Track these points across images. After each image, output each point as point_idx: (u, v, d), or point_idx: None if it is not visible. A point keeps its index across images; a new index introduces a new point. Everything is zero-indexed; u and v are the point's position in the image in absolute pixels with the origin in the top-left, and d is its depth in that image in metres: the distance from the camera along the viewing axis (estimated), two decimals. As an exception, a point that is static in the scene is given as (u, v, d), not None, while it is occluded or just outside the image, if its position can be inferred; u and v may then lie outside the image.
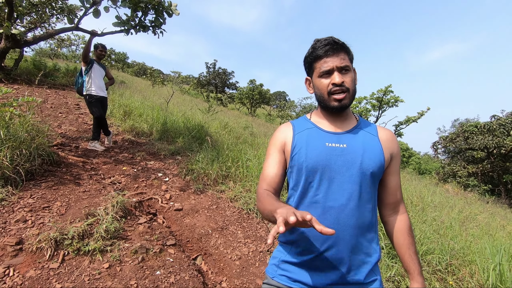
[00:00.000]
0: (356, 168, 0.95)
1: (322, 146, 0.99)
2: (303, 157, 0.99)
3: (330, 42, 0.98)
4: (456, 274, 2.67)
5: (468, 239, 3.33)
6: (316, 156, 0.97)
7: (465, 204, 6.46)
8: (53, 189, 2.92)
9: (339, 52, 0.98)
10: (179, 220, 3.11)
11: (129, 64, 33.58)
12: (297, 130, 1.07)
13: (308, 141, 1.01)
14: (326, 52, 0.98)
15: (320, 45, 1.00)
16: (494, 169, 16.40)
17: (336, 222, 0.92)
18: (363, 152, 0.97)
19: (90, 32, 4.42)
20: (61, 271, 1.89)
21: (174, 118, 6.77)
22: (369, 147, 0.99)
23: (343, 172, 0.95)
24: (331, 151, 0.97)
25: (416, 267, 0.96)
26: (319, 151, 0.98)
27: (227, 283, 2.35)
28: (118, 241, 2.28)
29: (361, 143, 1.00)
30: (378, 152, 0.99)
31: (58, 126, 5.28)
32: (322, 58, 0.99)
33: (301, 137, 1.04)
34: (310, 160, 0.97)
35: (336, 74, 0.97)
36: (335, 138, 1.01)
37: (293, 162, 1.02)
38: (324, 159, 0.96)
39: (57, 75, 10.27)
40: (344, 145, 0.99)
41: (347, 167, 0.95)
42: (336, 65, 0.97)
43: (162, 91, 14.92)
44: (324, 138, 1.01)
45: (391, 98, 15.13)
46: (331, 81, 0.98)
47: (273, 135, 1.13)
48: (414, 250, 0.99)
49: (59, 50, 20.05)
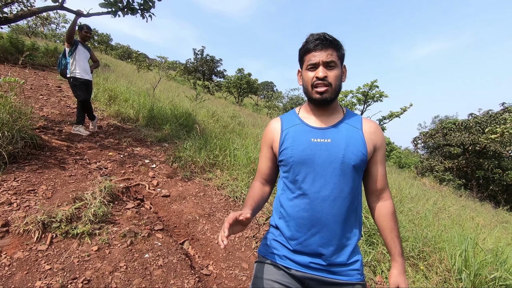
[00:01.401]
0: (338, 162, 1.02)
1: (308, 142, 1.06)
2: (290, 153, 1.07)
3: (321, 37, 1.05)
4: (427, 260, 2.89)
5: (440, 229, 3.56)
6: (301, 151, 1.05)
7: (440, 197, 6.83)
8: (38, 172, 2.88)
9: (328, 48, 1.04)
10: (167, 206, 3.15)
11: (112, 46, 32.29)
12: (285, 126, 1.14)
13: (294, 137, 1.09)
14: (316, 46, 1.04)
15: (311, 39, 1.06)
16: (468, 164, 17.28)
17: (321, 211, 1.02)
18: (346, 146, 1.03)
19: (75, 12, 4.25)
20: (50, 253, 1.90)
21: (161, 105, 6.68)
22: (352, 140, 1.05)
23: (326, 166, 1.02)
24: (316, 146, 1.05)
25: (397, 249, 1.06)
26: (305, 147, 1.05)
27: (214, 266, 2.43)
28: (106, 225, 2.31)
29: (344, 137, 1.06)
30: (360, 145, 1.05)
31: (39, 108, 5.11)
32: (311, 51, 1.05)
33: (288, 134, 1.11)
34: (296, 156, 1.05)
35: (320, 68, 1.03)
36: (320, 133, 1.08)
37: (281, 157, 1.11)
38: (309, 154, 1.04)
39: (36, 55, 9.78)
40: (328, 140, 1.05)
41: (330, 161, 1.02)
42: (322, 60, 1.03)
43: (148, 76, 14.55)
44: (309, 134, 1.08)
45: (376, 93, 15.46)
46: (315, 74, 1.04)
47: (264, 132, 1.22)
48: (396, 233, 1.08)
49: (40, 29, 18.95)
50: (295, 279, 1.03)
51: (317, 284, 1.02)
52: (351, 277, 1.02)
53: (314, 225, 1.01)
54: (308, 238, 1.02)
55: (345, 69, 1.13)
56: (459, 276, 2.51)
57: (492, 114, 17.28)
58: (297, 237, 1.04)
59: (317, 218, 1.01)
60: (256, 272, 1.07)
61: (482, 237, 3.38)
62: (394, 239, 1.07)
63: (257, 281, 1.05)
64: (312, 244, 1.02)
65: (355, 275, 1.03)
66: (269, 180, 1.23)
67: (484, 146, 16.38)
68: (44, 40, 17.65)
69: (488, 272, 2.42)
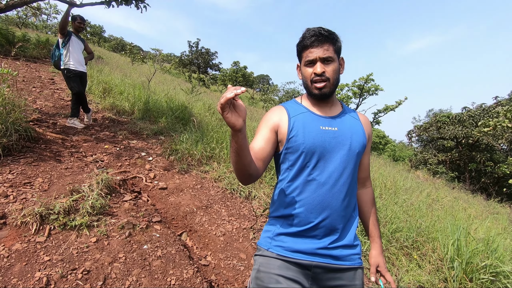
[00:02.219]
0: (346, 149, 1.07)
1: (317, 129, 1.08)
2: (301, 139, 1.06)
3: (316, 33, 1.05)
4: (421, 249, 2.96)
5: (433, 219, 3.64)
6: (312, 138, 1.06)
7: (433, 189, 6.95)
8: (33, 165, 2.85)
9: (324, 43, 1.05)
10: (164, 198, 3.15)
11: (106, 38, 31.73)
12: (292, 114, 1.13)
13: (304, 125, 1.09)
14: (312, 42, 1.06)
15: (307, 35, 1.07)
16: (461, 157, 17.53)
17: (330, 196, 1.05)
18: (351, 134, 1.10)
19: (68, 1, 4.15)
20: (48, 245, 1.91)
21: (156, 98, 6.62)
22: (355, 130, 1.12)
23: (335, 152, 1.07)
24: (325, 134, 1.07)
25: (376, 232, 1.20)
26: (315, 134, 1.07)
27: (212, 257, 2.46)
28: (104, 217, 2.31)
29: (349, 126, 1.12)
30: (361, 134, 1.13)
31: (32, 101, 5.03)
32: (308, 48, 1.07)
33: (298, 121, 1.10)
34: (308, 142, 1.06)
35: (318, 65, 1.06)
36: (328, 122, 1.11)
37: (290, 144, 1.08)
38: (320, 141, 1.06)
39: (27, 46, 9.57)
40: (335, 128, 1.10)
41: (339, 148, 1.07)
42: (319, 56, 1.05)
43: (142, 69, 14.37)
44: (318, 121, 1.10)
45: (371, 86, 15.48)
46: (313, 70, 1.07)
47: (266, 115, 1.17)
48: (375, 218, 1.22)
49: (32, 20, 18.46)
50: (301, 269, 1.03)
51: (323, 272, 1.04)
52: (353, 262, 1.08)
53: (325, 209, 1.04)
54: (318, 222, 1.04)
55: (343, 61, 1.15)
56: (451, 264, 2.58)
57: (485, 107, 17.49)
58: (307, 221, 1.05)
59: (328, 202, 1.04)
60: (259, 266, 1.06)
61: (474, 227, 3.47)
62: (375, 223, 1.21)
63: (260, 275, 1.03)
64: (322, 227, 1.05)
65: (356, 259, 1.09)
66: (259, 162, 1.06)
67: (477, 139, 16.61)
68: (35, 31, 17.24)
69: (480, 260, 2.49)
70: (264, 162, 1.07)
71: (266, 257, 1.07)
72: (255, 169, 0.99)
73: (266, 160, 1.08)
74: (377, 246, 1.18)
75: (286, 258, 1.04)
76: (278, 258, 1.05)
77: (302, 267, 1.04)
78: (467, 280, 2.43)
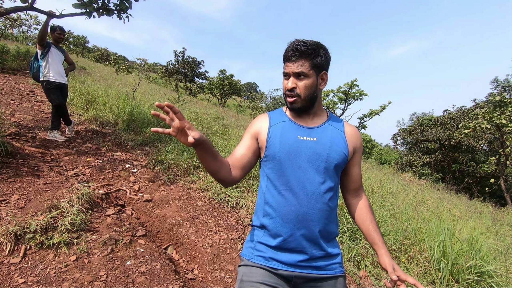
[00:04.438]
0: (323, 160, 1.06)
1: (294, 139, 1.09)
2: (277, 147, 1.08)
3: (293, 48, 1.06)
4: (408, 252, 2.98)
5: (419, 222, 3.69)
6: (288, 147, 1.07)
7: (419, 191, 7.08)
8: (9, 181, 2.73)
9: (300, 58, 1.05)
10: (149, 211, 3.07)
11: (89, 48, 31.22)
12: (273, 122, 1.16)
13: (282, 133, 1.11)
14: (289, 57, 1.07)
15: (288, 49, 1.08)
16: (445, 159, 18.04)
17: (307, 206, 1.04)
18: (330, 145, 1.09)
19: (46, 12, 4.06)
20: (23, 266, 1.81)
21: (141, 108, 6.53)
22: (335, 141, 1.11)
23: (311, 163, 1.06)
24: (302, 144, 1.08)
25: (380, 238, 1.11)
26: (291, 143, 1.08)
27: (199, 270, 2.40)
28: (85, 234, 2.22)
29: (329, 137, 1.11)
30: (342, 146, 1.11)
31: (10, 114, 4.86)
32: (286, 61, 1.09)
33: (276, 129, 1.13)
34: (283, 151, 1.07)
35: (290, 80, 1.08)
36: (307, 132, 1.11)
37: (268, 151, 1.11)
38: (296, 150, 1.07)
39: (6, 58, 9.30)
40: (314, 138, 1.09)
41: (315, 159, 1.06)
42: (292, 71, 1.06)
43: (127, 79, 14.17)
44: (296, 131, 1.11)
45: (356, 92, 15.82)
46: (285, 84, 1.09)
47: (251, 123, 1.22)
48: (376, 223, 1.14)
49: (10, 31, 17.99)
50: (281, 278, 1.04)
51: (303, 282, 1.04)
52: (334, 271, 1.07)
53: (300, 220, 1.03)
54: (294, 233, 1.03)
55: (326, 76, 1.11)
56: (438, 266, 2.61)
57: (465, 110, 18.16)
58: (283, 232, 1.04)
59: (303, 212, 1.03)
60: (242, 276, 1.06)
61: (458, 228, 3.53)
62: (376, 229, 1.13)
63: (243, 285, 1.03)
64: (298, 239, 1.03)
65: (337, 268, 1.08)
66: (237, 166, 1.11)
67: (459, 140, 17.16)
68: (15, 42, 16.80)
69: (464, 261, 2.53)
70: (244, 168, 1.13)
71: (249, 267, 1.07)
72: (226, 175, 1.06)
73: (246, 166, 1.14)
74: (384, 251, 1.08)
75: (267, 267, 1.05)
76: (260, 267, 1.05)
77: (283, 277, 1.04)
78: (453, 281, 2.46)
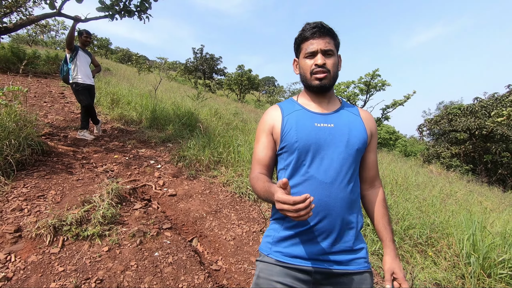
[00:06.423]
0: (343, 146, 1.02)
1: (312, 126, 1.05)
2: (295, 137, 1.04)
3: (318, 25, 1.05)
4: (435, 246, 2.89)
5: (447, 214, 3.56)
6: (306, 135, 1.03)
7: (447, 183, 6.79)
8: (46, 178, 2.93)
9: (325, 36, 1.05)
10: (174, 205, 3.19)
11: (112, 50, 32.46)
12: (285, 113, 1.12)
13: (297, 122, 1.07)
14: (313, 34, 1.05)
15: (308, 28, 1.07)
16: (475, 149, 17.06)
17: (328, 195, 0.99)
18: (349, 130, 1.05)
19: (73, 17, 4.27)
20: (62, 255, 1.95)
21: (163, 106, 6.72)
22: (353, 126, 1.07)
23: (332, 150, 1.02)
24: (320, 131, 1.04)
25: (389, 235, 1.07)
26: (309, 131, 1.04)
27: (223, 261, 2.47)
28: (115, 226, 2.35)
29: (346, 122, 1.08)
30: (362, 130, 1.08)
31: (44, 115, 5.18)
32: (309, 39, 1.06)
33: (291, 119, 1.09)
34: (301, 140, 1.03)
35: (319, 56, 1.04)
36: (323, 118, 1.08)
37: (284, 143, 1.07)
38: (314, 138, 1.03)
39: (37, 63, 9.89)
40: (331, 124, 1.06)
41: (335, 145, 1.02)
42: (320, 48, 1.04)
43: (149, 78, 14.61)
44: (312, 118, 1.07)
45: (378, 82, 15.31)
46: (314, 62, 1.05)
47: (262, 119, 1.17)
48: (387, 219, 1.10)
49: (40, 37, 19.08)
50: (301, 274, 0.99)
51: (324, 278, 0.99)
52: (359, 266, 1.01)
53: (322, 210, 0.99)
54: (314, 224, 0.99)
55: (340, 59, 1.14)
56: (467, 260, 2.51)
57: (498, 97, 16.98)
58: (303, 224, 1.00)
59: (325, 202, 0.99)
60: (259, 272, 1.03)
61: (490, 221, 3.37)
62: (386, 225, 1.08)
63: (260, 281, 1.01)
64: (318, 230, 0.99)
65: (362, 263, 1.02)
66: (269, 171, 1.12)
67: (491, 129, 16.14)
68: (45, 47, 17.80)
69: (497, 255, 2.42)
70: (271, 168, 1.14)
71: (266, 263, 1.04)
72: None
73: (272, 166, 1.14)
74: (390, 251, 1.06)
75: (285, 264, 1.00)
76: (277, 264, 1.02)
77: (302, 273, 0.99)
78: (485, 276, 2.36)
